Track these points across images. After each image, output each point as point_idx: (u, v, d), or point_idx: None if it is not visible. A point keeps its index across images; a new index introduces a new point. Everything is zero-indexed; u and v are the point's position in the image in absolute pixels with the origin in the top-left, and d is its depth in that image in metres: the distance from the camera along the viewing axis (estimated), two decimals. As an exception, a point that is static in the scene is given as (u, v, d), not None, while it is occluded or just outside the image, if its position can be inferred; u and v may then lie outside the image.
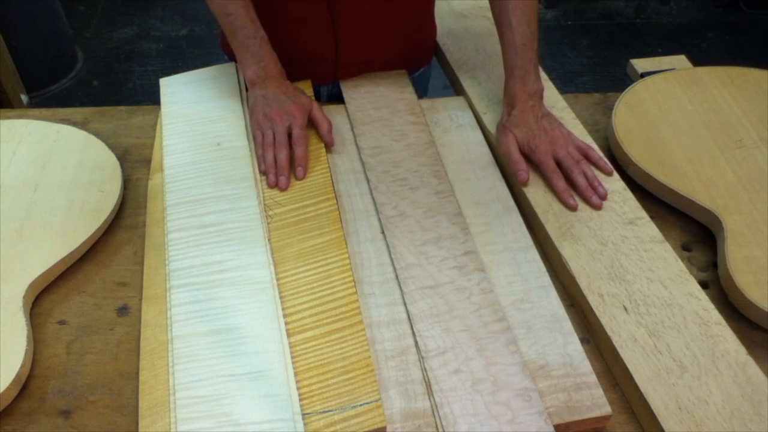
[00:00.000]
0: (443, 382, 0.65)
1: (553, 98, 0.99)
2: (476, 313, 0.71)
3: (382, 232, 0.80)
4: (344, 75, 1.03)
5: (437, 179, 0.86)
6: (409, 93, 1.00)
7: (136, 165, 0.95)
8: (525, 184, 0.86)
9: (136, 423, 0.65)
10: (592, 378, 0.66)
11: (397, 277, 0.75)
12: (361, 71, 1.03)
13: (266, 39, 0.91)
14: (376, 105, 0.97)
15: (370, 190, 0.85)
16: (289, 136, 0.87)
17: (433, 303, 0.72)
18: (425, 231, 0.80)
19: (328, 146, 0.90)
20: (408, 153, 0.90)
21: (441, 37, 1.12)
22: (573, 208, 0.83)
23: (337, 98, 1.03)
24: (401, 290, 0.74)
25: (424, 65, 1.13)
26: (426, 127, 0.94)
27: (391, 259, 0.77)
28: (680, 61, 1.07)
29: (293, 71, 0.95)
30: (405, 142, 0.91)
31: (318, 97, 1.07)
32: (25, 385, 0.69)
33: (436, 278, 0.74)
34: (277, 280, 0.74)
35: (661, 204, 0.87)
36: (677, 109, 0.96)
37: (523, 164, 0.87)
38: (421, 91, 1.13)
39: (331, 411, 0.63)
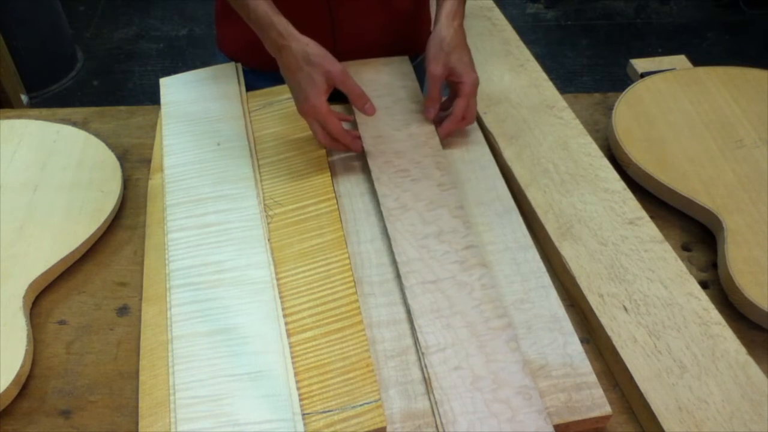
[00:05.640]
0: (443, 380, 0.65)
1: (553, 98, 0.99)
2: (477, 309, 0.71)
3: (383, 226, 0.80)
4: None
5: (439, 171, 0.85)
6: (411, 81, 0.99)
7: (136, 165, 0.95)
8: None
9: (136, 423, 0.65)
10: (592, 378, 0.66)
11: (398, 275, 0.75)
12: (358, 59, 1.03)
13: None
14: (378, 93, 0.96)
15: (372, 181, 0.84)
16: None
17: (434, 298, 0.72)
18: (427, 224, 0.79)
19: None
20: (410, 143, 0.89)
21: (441, 37, 1.12)
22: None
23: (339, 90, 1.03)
24: (402, 285, 0.74)
25: (422, 54, 1.12)
26: None
27: (392, 254, 0.77)
28: (680, 61, 1.07)
29: None
30: (407, 132, 0.91)
31: None
32: (25, 385, 0.69)
33: (437, 273, 0.74)
34: (277, 280, 0.74)
35: (661, 204, 0.87)
36: (677, 109, 0.96)
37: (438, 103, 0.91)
38: (420, 81, 1.13)
39: (331, 411, 0.63)
